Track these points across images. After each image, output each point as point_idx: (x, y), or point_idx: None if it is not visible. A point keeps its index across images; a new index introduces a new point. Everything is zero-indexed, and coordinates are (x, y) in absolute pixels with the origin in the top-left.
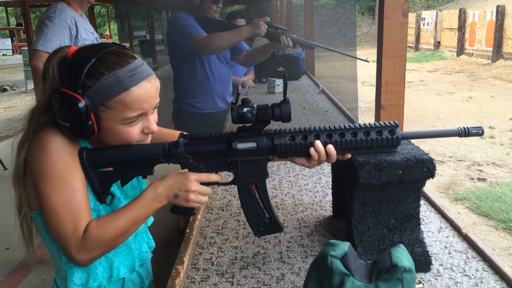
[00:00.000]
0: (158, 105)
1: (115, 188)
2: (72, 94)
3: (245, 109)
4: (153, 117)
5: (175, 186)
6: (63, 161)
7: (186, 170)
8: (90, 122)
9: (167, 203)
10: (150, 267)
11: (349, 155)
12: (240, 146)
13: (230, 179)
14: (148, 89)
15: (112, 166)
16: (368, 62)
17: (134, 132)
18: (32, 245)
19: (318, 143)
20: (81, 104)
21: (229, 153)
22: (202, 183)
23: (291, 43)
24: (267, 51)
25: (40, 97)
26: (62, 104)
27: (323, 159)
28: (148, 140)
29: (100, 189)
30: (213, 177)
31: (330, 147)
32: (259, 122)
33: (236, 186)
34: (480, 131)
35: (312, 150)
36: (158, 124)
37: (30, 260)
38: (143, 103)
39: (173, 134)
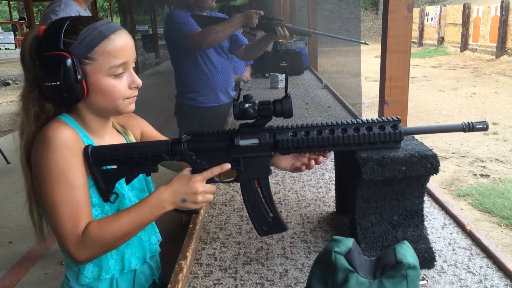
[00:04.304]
0: (136, 60)
1: (119, 183)
2: (56, 54)
3: (246, 105)
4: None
5: (182, 190)
6: (64, 158)
7: (188, 172)
8: (80, 76)
9: (173, 208)
10: (159, 260)
11: (328, 155)
12: (242, 142)
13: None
14: (125, 38)
15: (116, 163)
16: (367, 44)
17: (120, 86)
18: (42, 230)
19: None
20: (67, 58)
21: (232, 149)
22: (207, 181)
23: (287, 33)
24: (264, 43)
25: (25, 78)
26: (48, 66)
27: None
28: (135, 96)
29: (104, 187)
30: (215, 170)
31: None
32: (261, 118)
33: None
34: (485, 126)
35: None
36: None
37: (40, 247)
38: (125, 50)
39: None
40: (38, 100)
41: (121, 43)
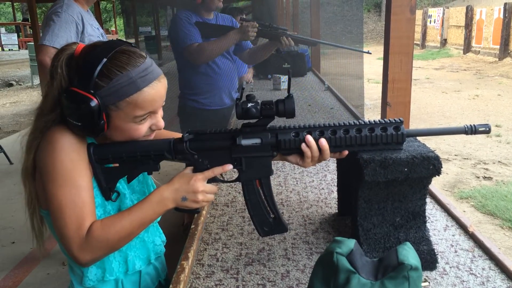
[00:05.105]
0: (164, 102)
1: (121, 183)
2: (84, 94)
3: (249, 105)
4: (160, 113)
5: (182, 189)
6: (70, 160)
7: (189, 171)
8: (102, 121)
9: (174, 206)
10: (164, 261)
11: (345, 153)
12: (245, 142)
13: (235, 176)
14: (158, 89)
15: (119, 161)
16: (371, 53)
17: (142, 129)
18: (42, 238)
19: (309, 137)
20: (94, 103)
21: (234, 149)
22: (208, 181)
23: (292, 43)
24: (268, 50)
25: (47, 95)
26: (73, 103)
27: (315, 155)
28: (153, 135)
29: (106, 185)
30: (217, 170)
31: (322, 141)
32: (263, 117)
33: (241, 183)
34: (487, 129)
35: (303, 145)
36: (165, 119)
37: (39, 253)
38: (154, 102)
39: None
40: (57, 126)
41: (152, 95)
